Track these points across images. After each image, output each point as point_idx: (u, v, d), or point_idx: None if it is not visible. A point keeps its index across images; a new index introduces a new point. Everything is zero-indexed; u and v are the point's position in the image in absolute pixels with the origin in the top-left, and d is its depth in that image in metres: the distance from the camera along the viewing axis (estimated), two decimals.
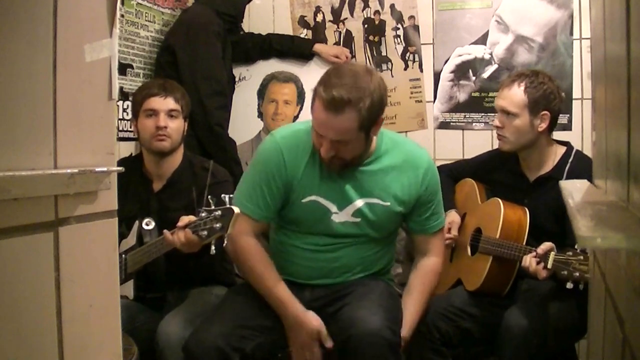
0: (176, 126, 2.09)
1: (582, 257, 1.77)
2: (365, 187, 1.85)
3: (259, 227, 1.89)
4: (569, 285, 1.78)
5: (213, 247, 1.69)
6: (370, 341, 1.64)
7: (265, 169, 1.85)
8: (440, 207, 1.98)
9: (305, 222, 1.88)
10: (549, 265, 1.83)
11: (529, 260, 1.89)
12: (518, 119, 2.04)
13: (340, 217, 1.85)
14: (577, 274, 1.76)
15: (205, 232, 1.65)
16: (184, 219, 1.72)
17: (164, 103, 2.07)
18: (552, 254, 1.84)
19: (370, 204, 1.85)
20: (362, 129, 1.71)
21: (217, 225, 1.63)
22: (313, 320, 1.80)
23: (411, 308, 1.89)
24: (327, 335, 1.80)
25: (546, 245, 1.88)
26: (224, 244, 1.67)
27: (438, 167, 2.46)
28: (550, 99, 2.04)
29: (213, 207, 1.65)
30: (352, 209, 1.85)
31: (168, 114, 2.06)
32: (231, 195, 1.68)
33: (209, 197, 1.68)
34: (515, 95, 2.05)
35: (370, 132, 1.75)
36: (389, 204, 1.86)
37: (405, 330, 1.83)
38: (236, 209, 1.62)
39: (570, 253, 1.80)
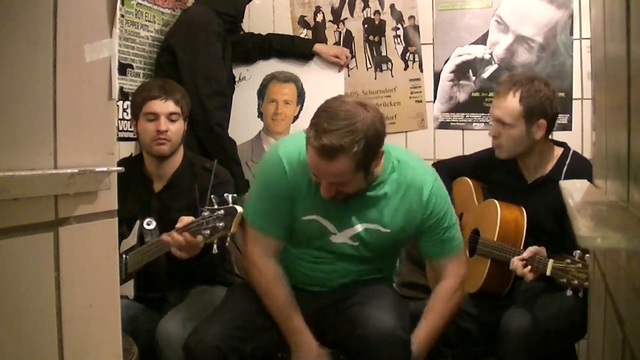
0: (176, 129, 2.08)
1: (580, 265, 1.76)
2: (366, 213, 1.81)
3: (280, 246, 1.86)
4: (569, 292, 1.78)
5: (215, 247, 1.68)
6: (385, 340, 1.63)
7: (271, 186, 1.82)
8: (453, 231, 1.87)
9: (303, 237, 1.86)
10: (548, 273, 1.82)
11: (515, 263, 1.89)
12: (514, 129, 2.02)
13: (338, 238, 1.83)
14: (576, 281, 1.76)
15: (207, 232, 1.65)
16: (184, 219, 1.72)
17: (165, 106, 2.06)
18: (551, 262, 1.83)
19: (369, 229, 1.81)
20: (359, 169, 1.65)
21: (220, 224, 1.62)
22: (322, 352, 1.80)
23: (422, 330, 1.82)
24: None
25: (533, 248, 1.89)
26: (226, 244, 1.67)
27: (435, 164, 2.47)
28: (546, 106, 2.01)
29: (216, 207, 1.64)
30: (351, 232, 1.82)
31: (168, 118, 2.06)
32: (234, 195, 1.67)
33: (212, 196, 1.68)
34: (510, 105, 2.02)
35: (370, 167, 1.70)
36: (389, 230, 1.81)
37: (416, 351, 1.76)
38: (239, 209, 1.62)
39: (569, 261, 1.80)
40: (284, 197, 1.80)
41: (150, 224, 1.95)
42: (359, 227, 1.81)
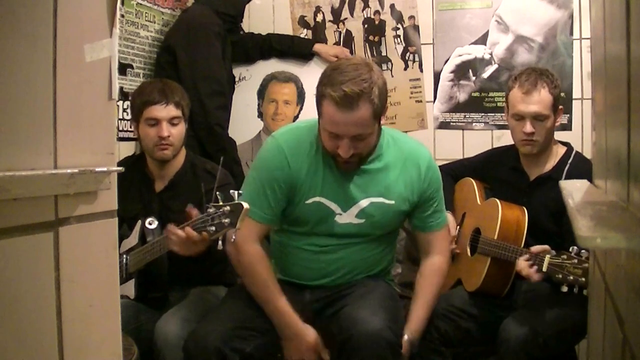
0: (178, 132, 2.07)
1: (576, 261, 1.77)
2: (370, 186, 1.84)
3: (263, 231, 1.88)
4: (564, 288, 1.79)
5: (220, 243, 1.67)
6: (371, 341, 1.64)
7: (268, 172, 1.83)
8: (442, 204, 1.98)
9: (308, 223, 1.87)
10: (544, 269, 1.83)
11: (521, 264, 1.89)
12: (549, 120, 2.06)
13: (343, 218, 1.85)
14: (571, 277, 1.77)
15: (213, 228, 1.64)
16: (192, 212, 1.70)
17: (165, 111, 2.04)
18: (548, 257, 1.84)
19: (374, 203, 1.84)
20: (375, 118, 1.71)
21: (226, 220, 1.61)
22: (311, 333, 1.81)
23: (418, 311, 1.90)
24: (324, 348, 1.82)
25: (539, 247, 1.89)
26: (233, 239, 1.66)
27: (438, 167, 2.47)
28: (561, 96, 2.09)
29: (221, 203, 1.63)
30: (356, 209, 1.84)
31: (170, 122, 2.04)
32: (240, 192, 1.67)
33: (217, 193, 1.67)
34: (545, 97, 2.05)
35: (380, 121, 1.76)
36: (393, 202, 1.86)
37: (412, 333, 1.84)
38: (246, 205, 1.60)
39: (565, 257, 1.80)
40: (283, 184, 1.81)
41: (152, 223, 1.95)
42: (364, 202, 1.84)
